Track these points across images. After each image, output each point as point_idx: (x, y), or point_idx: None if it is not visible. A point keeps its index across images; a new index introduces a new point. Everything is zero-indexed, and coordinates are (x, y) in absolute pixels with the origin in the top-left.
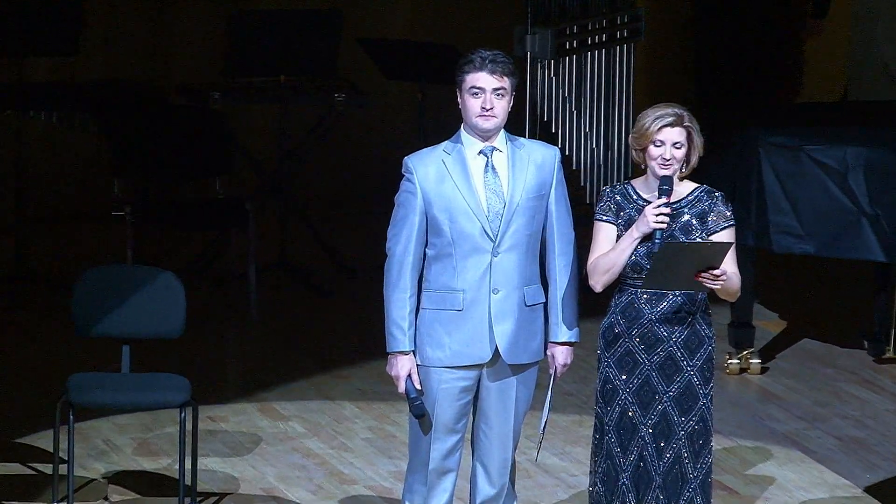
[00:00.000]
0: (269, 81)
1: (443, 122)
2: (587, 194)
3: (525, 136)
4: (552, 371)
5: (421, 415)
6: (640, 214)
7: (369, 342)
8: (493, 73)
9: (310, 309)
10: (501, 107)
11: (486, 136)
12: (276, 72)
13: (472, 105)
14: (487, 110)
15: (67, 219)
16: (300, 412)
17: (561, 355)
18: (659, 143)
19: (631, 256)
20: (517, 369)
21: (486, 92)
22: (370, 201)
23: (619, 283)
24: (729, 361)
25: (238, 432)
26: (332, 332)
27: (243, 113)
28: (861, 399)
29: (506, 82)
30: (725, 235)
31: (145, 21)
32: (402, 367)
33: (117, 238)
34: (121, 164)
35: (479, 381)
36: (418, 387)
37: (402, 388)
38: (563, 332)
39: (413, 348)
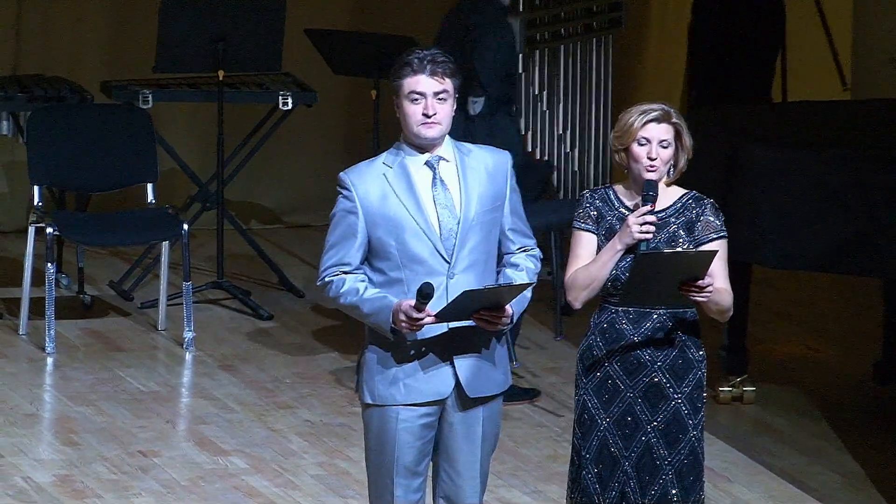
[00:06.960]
0: (205, 78)
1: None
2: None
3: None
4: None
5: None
6: (622, 224)
7: (316, 369)
8: (433, 74)
9: (250, 332)
10: (445, 111)
11: (429, 145)
12: (212, 67)
13: (413, 112)
14: (430, 117)
15: None
16: (242, 446)
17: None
18: (644, 142)
19: (612, 271)
20: (482, 402)
21: (426, 97)
22: (318, 213)
23: (599, 301)
24: (721, 389)
25: (172, 468)
26: (275, 358)
27: (177, 113)
28: (866, 431)
29: (448, 84)
30: (715, 247)
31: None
32: (399, 310)
33: (36, 253)
34: (39, 171)
35: (440, 415)
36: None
37: (418, 317)
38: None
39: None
